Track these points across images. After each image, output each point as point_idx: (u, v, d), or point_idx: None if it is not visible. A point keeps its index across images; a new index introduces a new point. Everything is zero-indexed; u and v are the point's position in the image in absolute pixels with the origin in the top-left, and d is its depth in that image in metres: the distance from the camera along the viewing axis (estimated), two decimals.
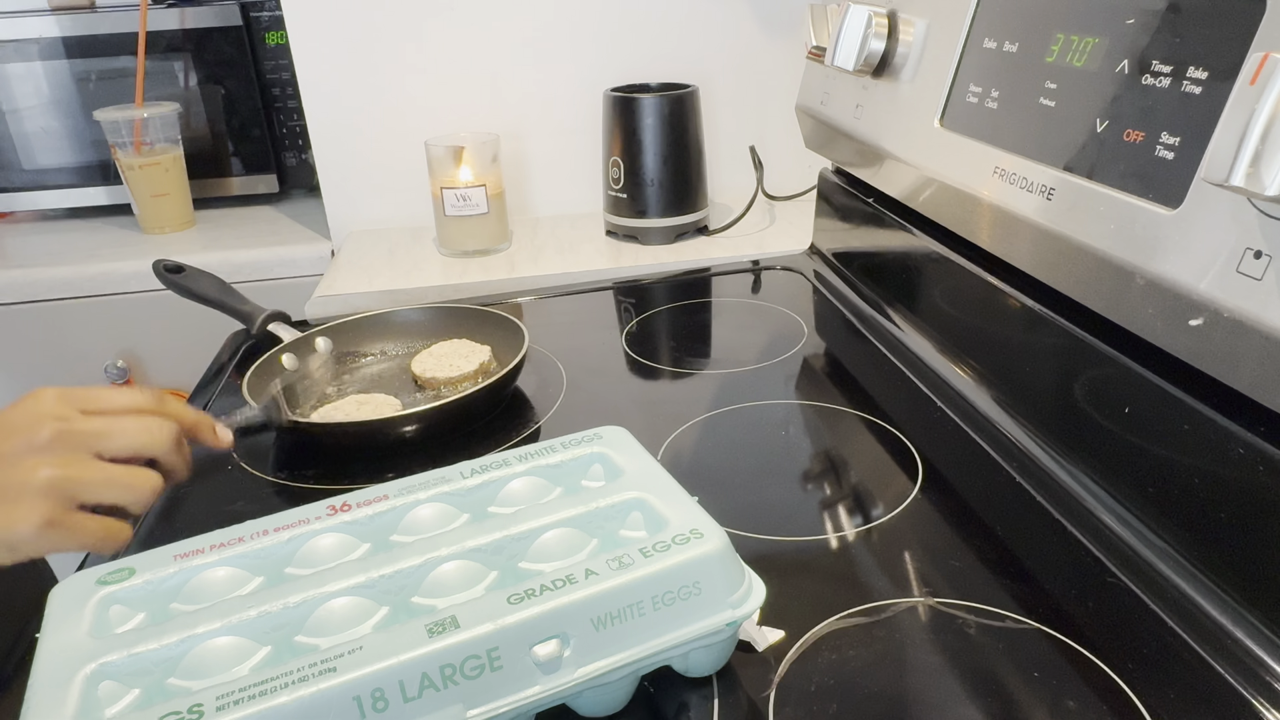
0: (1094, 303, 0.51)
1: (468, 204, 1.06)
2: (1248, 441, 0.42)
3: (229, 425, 0.60)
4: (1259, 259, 0.39)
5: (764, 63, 1.23)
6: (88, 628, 0.38)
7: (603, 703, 0.40)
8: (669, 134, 1.06)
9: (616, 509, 0.44)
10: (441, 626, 0.36)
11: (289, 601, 0.39)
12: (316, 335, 0.76)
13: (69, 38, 1.24)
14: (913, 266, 0.75)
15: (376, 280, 1.03)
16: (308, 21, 1.12)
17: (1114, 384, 0.51)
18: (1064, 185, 0.51)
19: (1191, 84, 0.43)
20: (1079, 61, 0.52)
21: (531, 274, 1.02)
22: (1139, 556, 0.48)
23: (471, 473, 0.47)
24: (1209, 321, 0.41)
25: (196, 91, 1.29)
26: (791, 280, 0.95)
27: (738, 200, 1.17)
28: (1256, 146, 0.36)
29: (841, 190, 0.91)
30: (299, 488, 0.61)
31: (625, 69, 1.18)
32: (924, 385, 0.69)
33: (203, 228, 1.30)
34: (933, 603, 0.47)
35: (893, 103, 0.72)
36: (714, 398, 0.70)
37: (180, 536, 0.44)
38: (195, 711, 0.33)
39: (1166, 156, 0.44)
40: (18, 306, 1.15)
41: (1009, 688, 0.41)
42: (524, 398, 0.72)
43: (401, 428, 0.64)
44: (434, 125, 1.17)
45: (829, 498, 0.57)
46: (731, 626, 0.40)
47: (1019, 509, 0.54)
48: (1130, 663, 0.42)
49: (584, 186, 1.24)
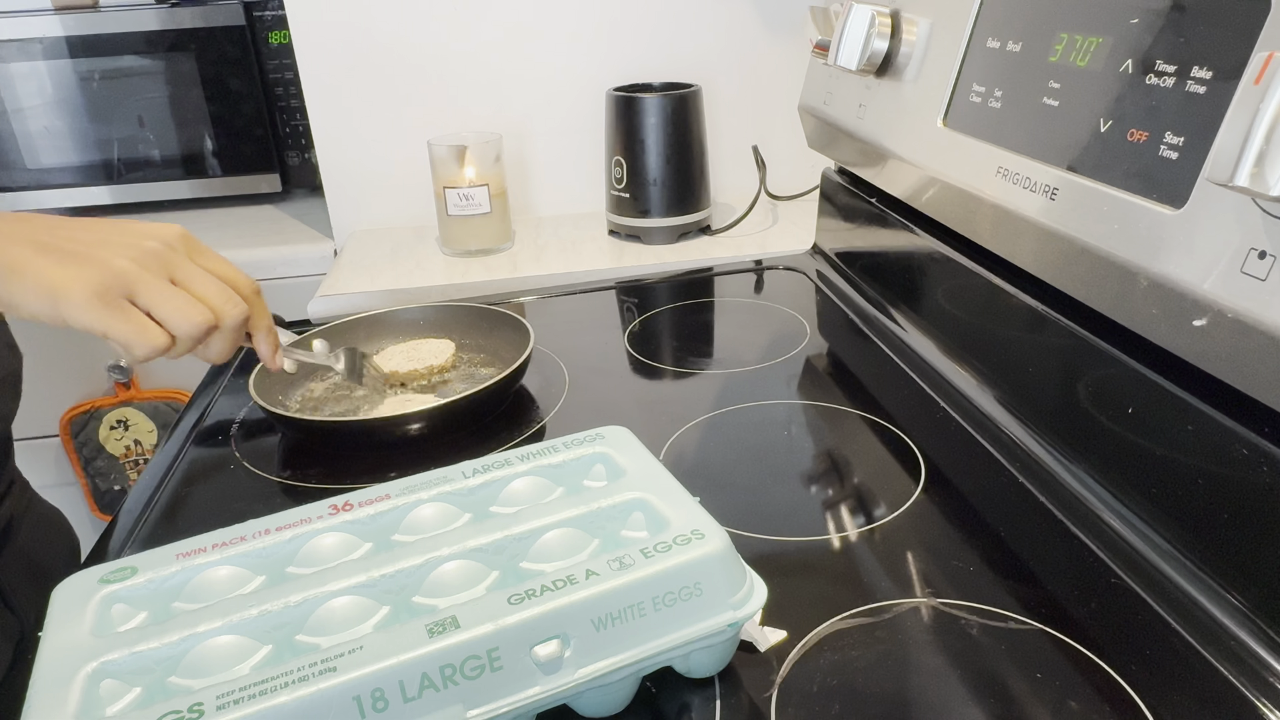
0: (1097, 303, 0.50)
1: (470, 203, 1.06)
2: (1251, 442, 0.42)
3: (291, 359, 0.63)
4: (1263, 259, 0.38)
5: (767, 62, 1.23)
6: (90, 626, 0.38)
7: (604, 703, 0.40)
8: (672, 134, 1.06)
9: (618, 509, 0.44)
10: (442, 626, 0.36)
11: (290, 601, 0.39)
12: (313, 338, 0.76)
13: (72, 37, 1.24)
14: (915, 266, 0.75)
15: (379, 280, 1.03)
16: (311, 21, 1.12)
17: (1117, 384, 0.51)
18: (1067, 185, 0.51)
19: (1195, 84, 0.43)
20: (1082, 61, 0.51)
21: (534, 274, 1.02)
22: (1142, 557, 0.48)
23: (473, 472, 0.47)
24: (1213, 322, 0.41)
25: (200, 91, 1.30)
26: (794, 280, 0.95)
27: (740, 200, 1.17)
28: (1261, 146, 0.36)
29: (844, 190, 0.91)
30: (301, 487, 0.61)
31: (628, 68, 1.18)
32: (927, 385, 0.69)
33: (205, 227, 1.31)
34: (935, 603, 0.47)
35: (896, 102, 0.72)
36: (716, 398, 0.70)
37: (182, 535, 0.44)
38: (196, 710, 0.33)
39: (1170, 156, 0.44)
40: None
41: (1011, 689, 0.41)
42: (528, 397, 0.72)
43: (404, 426, 0.64)
44: (436, 125, 1.17)
45: (831, 498, 0.57)
46: (733, 627, 0.40)
47: (1022, 509, 0.54)
48: (1133, 664, 0.42)
49: (586, 186, 1.24)
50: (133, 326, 0.48)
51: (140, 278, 0.48)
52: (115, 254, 0.48)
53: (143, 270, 0.48)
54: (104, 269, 0.47)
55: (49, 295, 0.46)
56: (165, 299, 0.49)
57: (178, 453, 0.66)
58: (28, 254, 0.46)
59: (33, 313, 0.47)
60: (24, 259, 0.46)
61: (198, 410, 0.73)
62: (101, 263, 0.47)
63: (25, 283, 0.46)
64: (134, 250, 0.49)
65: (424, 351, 0.75)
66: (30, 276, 0.46)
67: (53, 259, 0.47)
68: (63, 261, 0.47)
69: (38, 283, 0.46)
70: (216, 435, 0.69)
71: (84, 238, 0.48)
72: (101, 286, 0.47)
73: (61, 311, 0.46)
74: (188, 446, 0.67)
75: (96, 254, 0.48)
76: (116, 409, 1.27)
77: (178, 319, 0.50)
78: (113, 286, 0.47)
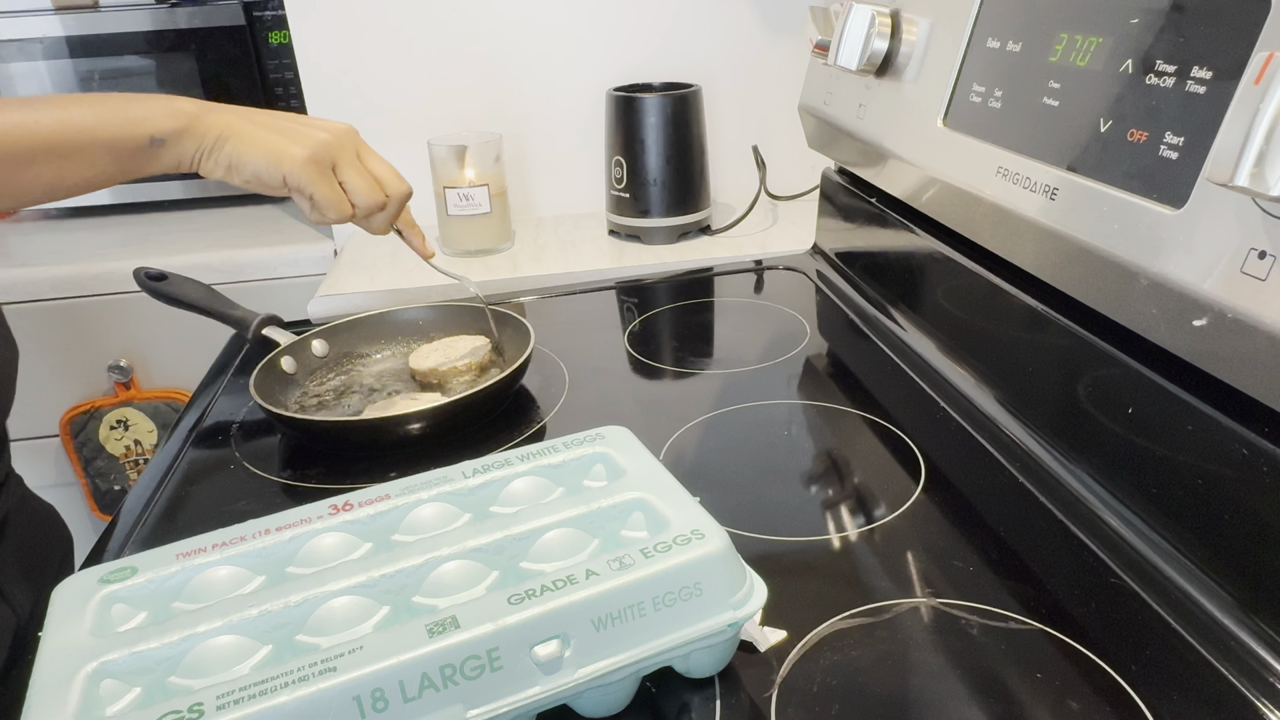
0: (1097, 303, 0.50)
1: (470, 203, 1.06)
2: (1251, 442, 0.42)
3: (438, 263, 0.73)
4: (1263, 259, 0.38)
5: (767, 62, 1.23)
6: (90, 626, 0.38)
7: (604, 703, 0.40)
8: (672, 134, 1.06)
9: (618, 509, 0.44)
10: (442, 626, 0.36)
11: (290, 601, 0.39)
12: (313, 338, 0.76)
13: (72, 37, 1.24)
14: (915, 266, 0.75)
15: (379, 280, 1.03)
16: (310, 21, 1.12)
17: (1117, 384, 0.51)
18: (1067, 185, 0.51)
19: (1196, 84, 0.43)
20: (1082, 61, 0.51)
21: (534, 273, 1.02)
22: (1142, 557, 0.48)
23: (473, 472, 0.47)
24: (1213, 322, 0.41)
25: (200, 91, 1.30)
26: (794, 280, 0.95)
27: (740, 200, 1.17)
28: (1261, 146, 0.36)
29: (844, 190, 0.91)
30: (301, 487, 0.61)
31: (628, 69, 1.18)
32: (927, 385, 0.69)
33: (205, 227, 1.31)
34: (935, 603, 0.47)
35: (896, 102, 0.72)
36: (716, 398, 0.70)
37: (183, 535, 0.44)
38: (196, 710, 0.33)
39: (1170, 156, 0.44)
40: (21, 305, 1.15)
41: (1011, 689, 0.41)
42: (528, 397, 0.72)
43: (404, 427, 0.64)
44: (436, 125, 1.17)
45: (831, 498, 0.57)
46: (733, 627, 0.40)
47: (1022, 509, 0.54)
48: (1133, 664, 0.42)
49: (586, 186, 1.24)
50: (333, 192, 0.61)
51: (341, 149, 0.61)
52: (314, 131, 0.60)
53: (341, 145, 0.61)
54: (315, 141, 0.59)
55: (275, 156, 0.58)
56: (358, 174, 0.62)
57: (178, 453, 0.66)
58: (253, 128, 0.59)
59: (255, 171, 0.58)
60: (252, 131, 0.59)
61: (198, 410, 0.73)
62: (310, 137, 0.60)
63: (256, 146, 0.58)
64: (331, 130, 0.61)
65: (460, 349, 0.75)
66: (260, 142, 0.58)
67: (274, 132, 0.59)
68: (282, 134, 0.59)
69: (266, 147, 0.58)
70: (216, 435, 0.69)
71: (288, 123, 0.61)
72: (314, 154, 0.59)
73: (283, 168, 0.58)
74: (188, 446, 0.67)
75: (304, 131, 0.60)
76: (116, 409, 1.27)
77: (363, 193, 0.62)
78: (322, 155, 0.60)
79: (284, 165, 0.58)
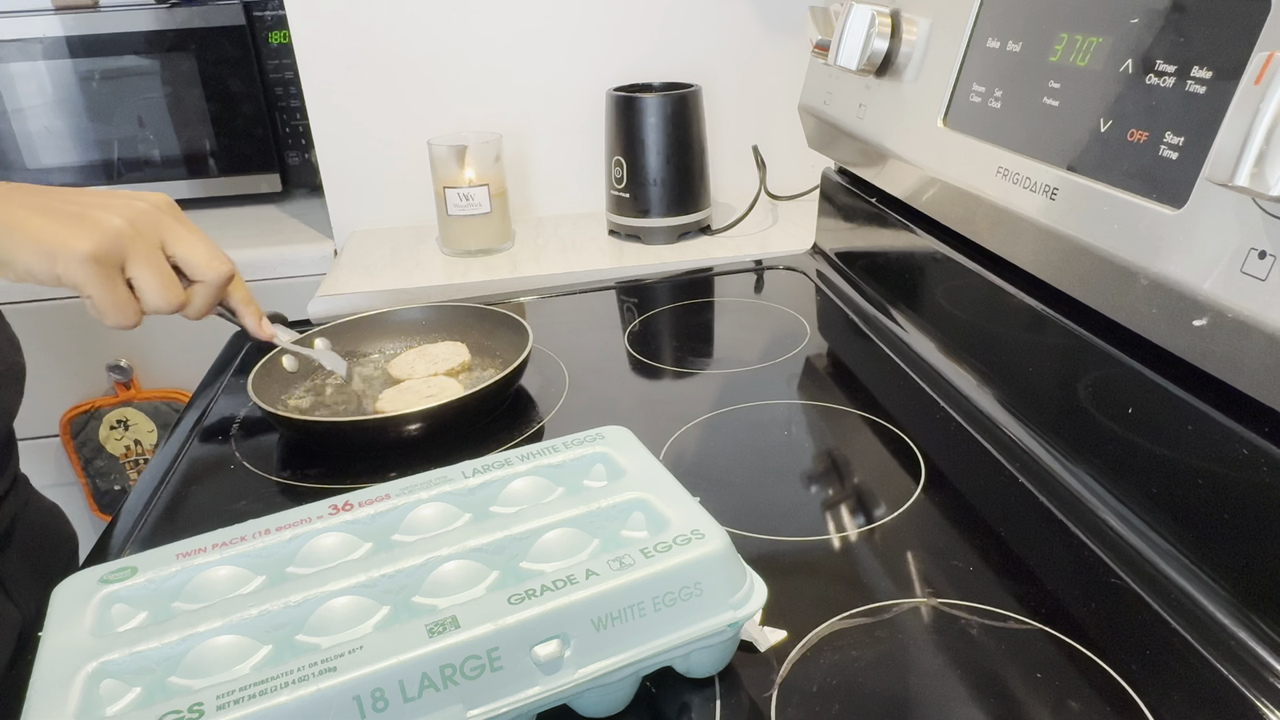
0: (1097, 303, 0.50)
1: (470, 203, 1.06)
2: (1251, 442, 0.42)
3: (282, 338, 0.64)
4: (1263, 259, 0.38)
5: (767, 62, 1.23)
6: (90, 626, 0.38)
7: (604, 703, 0.40)
8: (672, 133, 1.06)
9: (618, 509, 0.44)
10: (442, 626, 0.36)
11: (290, 601, 0.39)
12: (315, 336, 0.76)
13: (72, 37, 1.24)
14: (916, 266, 0.75)
15: (379, 280, 1.03)
16: (310, 21, 1.12)
17: (1117, 384, 0.51)
18: (1067, 185, 0.51)
19: (1196, 84, 0.43)
20: (1083, 61, 0.51)
21: (534, 273, 1.02)
22: (1142, 557, 0.48)
23: (473, 472, 0.47)
24: (1213, 322, 0.41)
25: (200, 91, 1.30)
26: (794, 280, 0.95)
27: (740, 200, 1.17)
28: (1261, 146, 0.36)
29: (844, 190, 0.91)
30: (301, 487, 0.61)
31: (628, 68, 1.18)
32: (927, 385, 0.69)
33: (205, 227, 1.30)
34: (935, 603, 0.47)
35: (896, 102, 0.72)
36: (716, 398, 0.70)
37: (182, 535, 0.44)
38: (196, 710, 0.33)
39: (1170, 156, 0.44)
40: (21, 305, 1.16)
41: (1011, 689, 0.41)
42: (527, 397, 0.72)
43: (404, 426, 0.64)
44: (437, 125, 1.17)
45: (831, 498, 0.57)
46: (733, 627, 0.40)
47: (1022, 509, 0.54)
48: (1133, 664, 0.42)
49: (586, 186, 1.24)
50: (113, 294, 0.50)
51: (134, 241, 0.50)
52: (109, 215, 0.50)
53: (136, 233, 0.50)
54: (103, 231, 0.49)
55: (49, 250, 0.48)
56: (153, 269, 0.51)
57: (178, 453, 0.66)
58: (25, 214, 0.48)
59: (28, 268, 0.48)
60: (23, 218, 0.48)
61: (198, 410, 0.73)
62: (98, 223, 0.49)
63: (25, 240, 0.48)
64: (129, 211, 0.51)
65: (436, 355, 0.75)
66: (30, 234, 0.48)
67: (51, 219, 0.48)
68: (64, 221, 0.49)
69: (38, 240, 0.48)
70: (216, 435, 0.69)
71: (79, 200, 0.50)
72: (97, 249, 0.49)
73: (58, 268, 0.48)
74: (188, 446, 0.67)
75: (92, 215, 0.49)
76: (116, 409, 1.27)
77: (153, 293, 0.52)
78: (110, 250, 0.49)
79: (58, 263, 0.48)
